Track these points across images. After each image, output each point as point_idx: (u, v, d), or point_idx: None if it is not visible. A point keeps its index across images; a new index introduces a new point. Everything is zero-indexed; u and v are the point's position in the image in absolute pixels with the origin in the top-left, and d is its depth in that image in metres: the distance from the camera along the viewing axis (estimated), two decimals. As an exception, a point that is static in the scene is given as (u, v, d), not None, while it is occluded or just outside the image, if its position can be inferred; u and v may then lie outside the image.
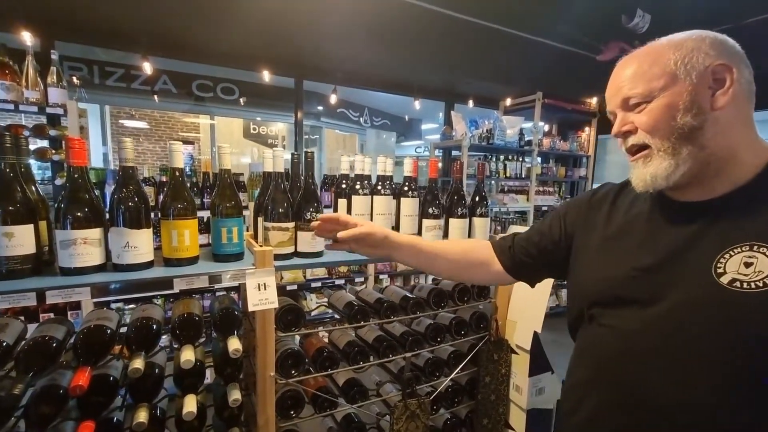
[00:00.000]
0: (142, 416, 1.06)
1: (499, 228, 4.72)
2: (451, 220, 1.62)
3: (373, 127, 8.33)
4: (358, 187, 1.45)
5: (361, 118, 8.17)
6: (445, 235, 1.64)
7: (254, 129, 8.86)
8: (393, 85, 5.41)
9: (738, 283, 0.67)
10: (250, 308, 1.13)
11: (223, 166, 1.24)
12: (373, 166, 1.54)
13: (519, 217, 5.10)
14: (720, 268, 0.70)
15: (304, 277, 3.18)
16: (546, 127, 5.80)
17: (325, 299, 1.70)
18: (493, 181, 5.00)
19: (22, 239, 0.98)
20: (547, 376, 1.69)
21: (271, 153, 1.31)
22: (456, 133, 4.52)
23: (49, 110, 2.61)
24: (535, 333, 1.62)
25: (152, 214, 1.17)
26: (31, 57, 2.60)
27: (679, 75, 0.73)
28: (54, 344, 1.09)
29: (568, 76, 4.70)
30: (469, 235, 1.67)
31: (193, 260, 1.19)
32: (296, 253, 1.34)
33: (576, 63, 4.04)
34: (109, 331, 1.16)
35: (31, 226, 1.00)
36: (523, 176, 5.02)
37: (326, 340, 1.53)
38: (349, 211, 1.46)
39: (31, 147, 2.70)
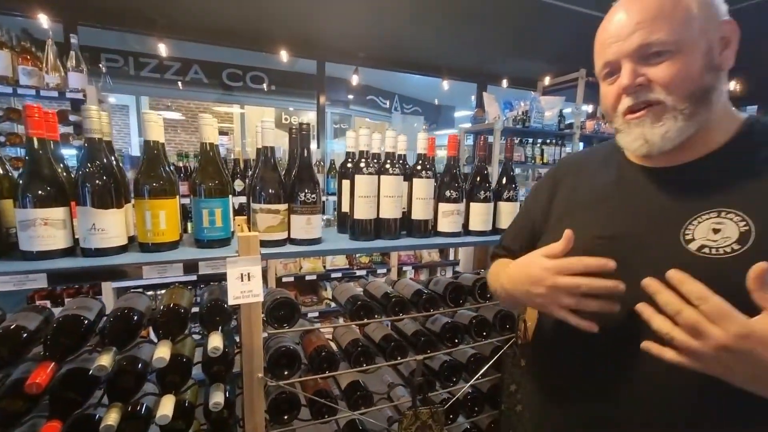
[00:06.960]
0: (111, 418, 0.95)
1: (534, 218, 4.39)
2: (473, 205, 1.41)
3: (404, 113, 8.09)
4: (362, 165, 1.27)
5: (391, 105, 7.95)
6: (466, 222, 1.43)
7: (285, 119, 8.87)
8: (420, 65, 5.14)
9: (706, 249, 0.65)
10: (231, 301, 0.99)
11: (204, 140, 1.09)
12: (383, 143, 1.35)
13: (557, 206, 4.72)
14: (688, 234, 0.68)
15: (324, 266, 3.05)
16: (590, 109, 5.32)
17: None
18: (529, 169, 4.64)
19: (-23, 219, 0.89)
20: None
21: (260, 125, 1.15)
22: (488, 116, 4.20)
23: (69, 95, 2.61)
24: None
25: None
26: (51, 41, 2.59)
27: (700, 25, 0.66)
28: (24, 334, 1.00)
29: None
30: (494, 222, 1.45)
31: (172, 245, 1.06)
32: (290, 240, 1.19)
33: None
34: (86, 322, 1.06)
35: (-13, 204, 0.90)
36: (563, 162, 4.63)
37: (331, 337, 1.38)
38: (352, 193, 1.28)
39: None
